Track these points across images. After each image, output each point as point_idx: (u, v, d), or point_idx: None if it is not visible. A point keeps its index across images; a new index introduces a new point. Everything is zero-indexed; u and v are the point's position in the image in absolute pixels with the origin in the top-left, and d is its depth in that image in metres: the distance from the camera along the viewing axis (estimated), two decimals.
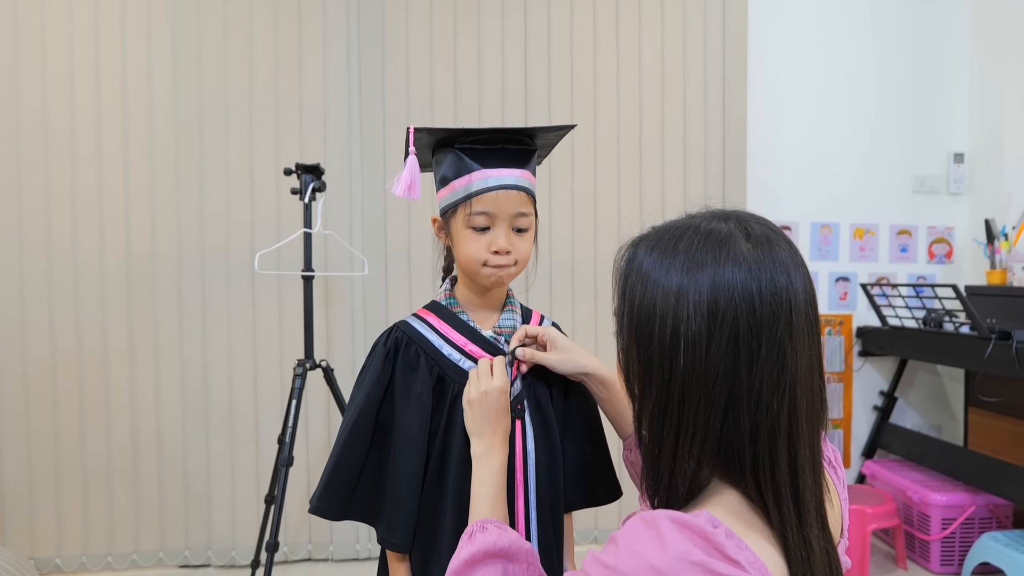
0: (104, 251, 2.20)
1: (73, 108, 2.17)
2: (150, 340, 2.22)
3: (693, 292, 0.58)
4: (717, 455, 0.59)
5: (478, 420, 0.85)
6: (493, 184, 0.89)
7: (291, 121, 2.26)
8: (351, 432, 0.91)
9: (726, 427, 0.58)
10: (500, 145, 0.91)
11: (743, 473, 0.59)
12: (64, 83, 2.16)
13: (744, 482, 0.59)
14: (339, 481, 0.90)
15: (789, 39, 2.62)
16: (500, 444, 0.85)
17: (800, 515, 0.58)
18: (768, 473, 0.58)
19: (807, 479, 0.60)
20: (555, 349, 0.92)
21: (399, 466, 0.90)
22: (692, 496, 0.62)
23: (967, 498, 2.23)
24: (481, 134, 0.91)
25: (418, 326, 0.96)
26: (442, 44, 2.33)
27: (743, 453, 0.58)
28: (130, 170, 2.21)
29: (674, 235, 0.62)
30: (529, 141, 0.93)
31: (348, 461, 0.90)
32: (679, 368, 0.58)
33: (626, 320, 0.64)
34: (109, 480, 2.22)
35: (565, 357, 0.91)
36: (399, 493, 0.90)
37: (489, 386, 0.85)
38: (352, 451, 0.90)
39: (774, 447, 0.58)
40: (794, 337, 0.58)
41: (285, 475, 1.63)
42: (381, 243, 2.32)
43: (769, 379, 0.57)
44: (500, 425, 0.85)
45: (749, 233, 0.60)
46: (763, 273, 0.58)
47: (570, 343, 0.93)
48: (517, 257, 0.91)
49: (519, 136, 0.93)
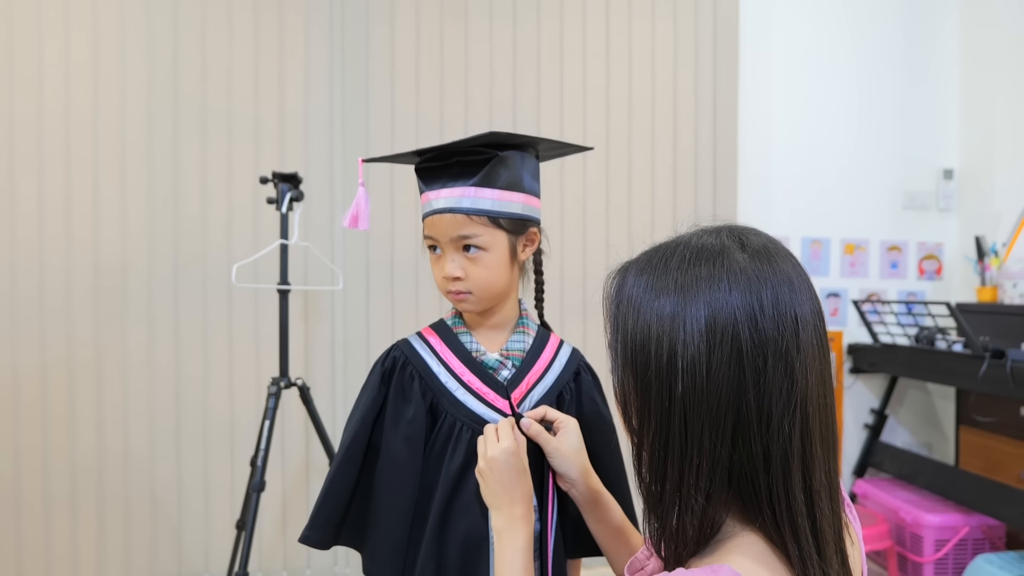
0: (71, 261, 2.10)
1: (41, 111, 2.07)
2: (118, 355, 2.12)
3: (688, 311, 0.54)
4: (728, 488, 0.54)
5: (492, 491, 0.78)
6: (427, 209, 0.86)
7: (271, 129, 2.19)
8: (343, 457, 0.86)
9: (736, 455, 0.53)
10: (455, 159, 0.85)
11: (759, 506, 0.54)
12: (31, 85, 2.07)
13: (761, 516, 0.54)
14: (330, 509, 0.86)
15: (780, 54, 2.60)
16: (522, 516, 0.77)
17: (820, 549, 0.54)
18: (783, 503, 0.53)
19: (824, 507, 0.55)
20: (564, 439, 0.85)
21: (383, 496, 0.85)
22: (703, 539, 0.56)
23: (960, 519, 2.19)
24: (428, 152, 0.86)
25: (418, 346, 0.90)
26: (428, 52, 2.27)
27: (758, 483, 0.53)
28: (100, 176, 2.11)
29: (663, 255, 0.58)
30: (485, 151, 0.84)
31: (339, 487, 0.86)
32: (678, 393, 0.54)
33: (620, 350, 0.59)
34: (73, 503, 2.10)
35: (567, 454, 0.84)
36: (383, 525, 0.85)
37: (496, 451, 0.78)
38: (344, 476, 0.86)
39: (788, 474, 0.53)
40: (802, 350, 0.54)
41: (256, 500, 1.54)
42: (363, 257, 2.25)
43: (778, 397, 0.53)
44: (518, 493, 0.78)
45: (745, 244, 0.57)
46: (764, 286, 0.54)
47: (580, 444, 0.86)
48: (471, 284, 0.85)
49: (472, 147, 0.85)
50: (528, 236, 0.91)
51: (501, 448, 0.78)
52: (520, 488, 0.78)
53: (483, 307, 0.90)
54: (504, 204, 0.85)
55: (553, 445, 0.84)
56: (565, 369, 0.95)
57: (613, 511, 0.86)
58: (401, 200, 2.26)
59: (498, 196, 0.84)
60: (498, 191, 0.84)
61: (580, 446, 0.86)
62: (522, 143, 0.87)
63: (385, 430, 0.87)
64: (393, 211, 2.26)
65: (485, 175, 0.84)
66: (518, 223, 0.88)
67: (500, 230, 0.86)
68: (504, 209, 0.85)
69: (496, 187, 0.84)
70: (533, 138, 0.87)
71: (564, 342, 0.98)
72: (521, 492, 0.78)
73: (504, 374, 0.90)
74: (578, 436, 0.86)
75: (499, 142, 0.85)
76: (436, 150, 0.86)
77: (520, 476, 0.78)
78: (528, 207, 0.89)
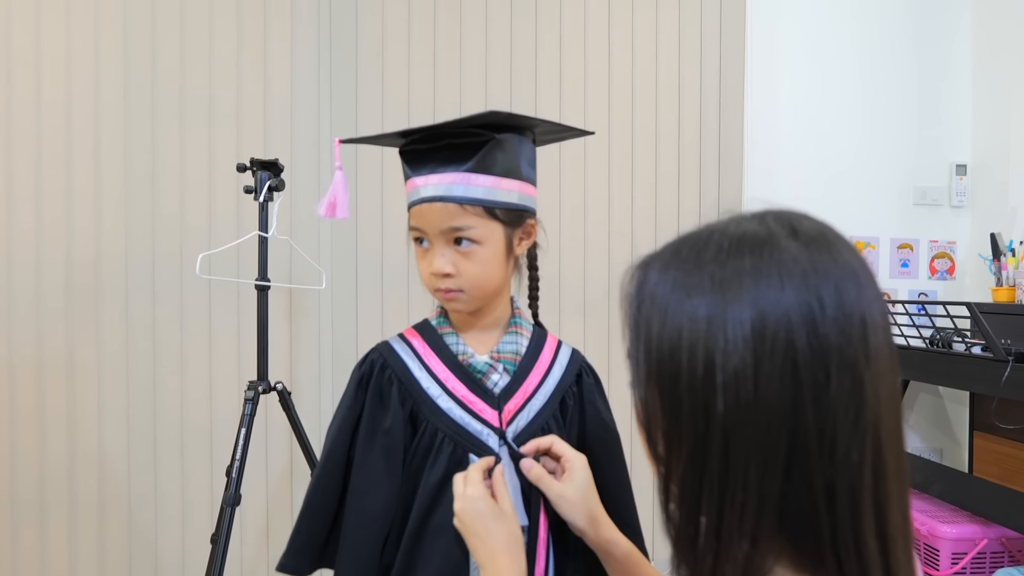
0: (41, 255, 1.99)
1: (9, 97, 1.96)
2: (91, 354, 2.01)
3: (729, 312, 0.43)
4: (780, 530, 0.43)
5: (471, 546, 0.70)
6: (414, 197, 0.77)
7: (254, 117, 2.08)
8: (321, 473, 0.79)
9: (790, 490, 0.43)
10: (445, 142, 0.75)
11: (820, 554, 0.43)
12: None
13: (821, 566, 0.43)
14: (308, 532, 0.78)
15: (787, 46, 2.51)
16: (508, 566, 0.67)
17: None
18: (852, 551, 0.43)
19: (900, 556, 0.44)
20: (570, 483, 0.75)
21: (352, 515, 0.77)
22: None
23: (978, 530, 2.09)
24: (416, 133, 0.76)
25: (399, 348, 0.82)
26: (421, 35, 2.17)
27: (819, 525, 0.43)
28: (73, 167, 2.00)
29: (695, 246, 0.48)
30: (480, 132, 0.75)
31: (318, 507, 0.78)
32: (718, 413, 0.43)
33: (643, 361, 0.48)
34: (41, 512, 1.99)
35: (572, 500, 0.74)
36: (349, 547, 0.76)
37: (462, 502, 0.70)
38: (323, 494, 0.78)
39: (857, 514, 0.43)
40: (872, 361, 0.43)
41: (231, 515, 1.43)
42: (351, 252, 2.14)
43: (844, 419, 0.42)
44: (496, 542, 0.69)
45: (796, 231, 0.46)
46: (823, 280, 0.43)
47: (589, 489, 0.76)
48: (462, 282, 0.76)
49: (465, 128, 0.75)
50: (525, 228, 0.82)
51: (467, 496, 0.70)
52: (496, 536, 0.68)
53: (475, 307, 0.80)
54: (500, 192, 0.76)
55: (556, 491, 0.74)
56: (567, 372, 0.86)
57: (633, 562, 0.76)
58: (391, 192, 2.15)
59: (493, 183, 0.76)
60: (494, 178, 0.75)
61: (589, 489, 0.76)
62: (521, 126, 0.78)
63: (360, 441, 0.79)
64: (383, 204, 2.15)
65: (480, 160, 0.74)
66: (515, 214, 0.79)
67: (496, 222, 0.77)
68: (500, 198, 0.76)
69: (492, 173, 0.75)
70: (536, 119, 0.78)
71: (563, 343, 0.89)
72: (499, 540, 0.68)
73: (495, 378, 0.81)
74: (586, 476, 0.76)
75: (498, 123, 0.75)
76: (425, 130, 0.76)
77: (495, 522, 0.69)
78: (525, 196, 0.80)
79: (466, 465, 0.78)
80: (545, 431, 0.81)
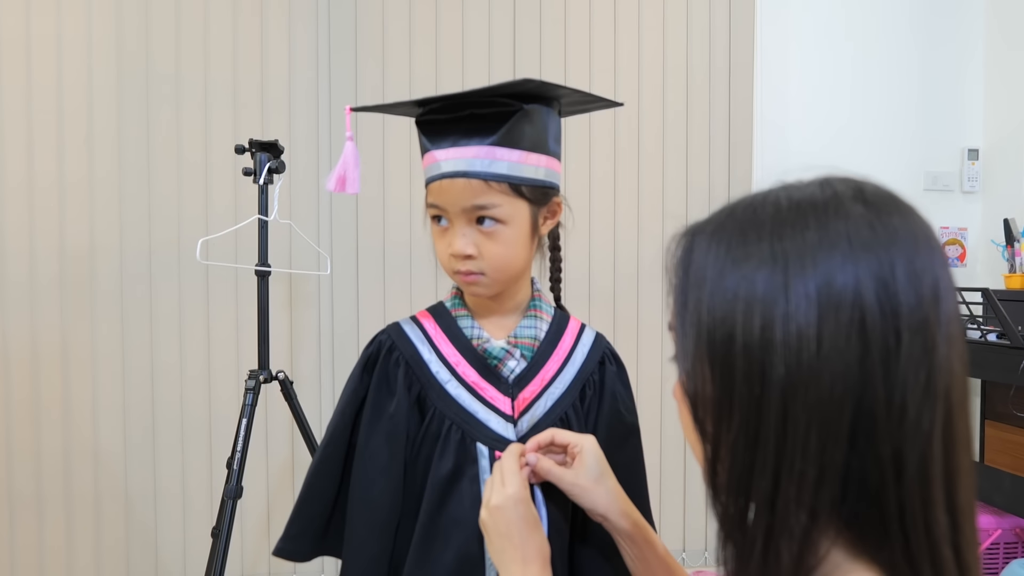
0: (34, 244, 1.94)
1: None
2: (87, 345, 1.96)
3: (791, 276, 0.41)
4: (841, 504, 0.40)
5: (498, 547, 0.64)
6: (433, 172, 0.71)
7: (252, 97, 2.02)
8: (322, 457, 0.75)
9: (854, 460, 0.40)
10: (468, 111, 0.70)
11: (885, 530, 0.40)
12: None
13: (887, 543, 0.40)
14: (307, 517, 0.75)
15: (798, 28, 2.45)
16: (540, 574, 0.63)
17: None
18: (920, 526, 0.40)
19: (969, 533, 0.42)
20: (581, 468, 0.70)
21: (357, 504, 0.74)
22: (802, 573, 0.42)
23: (992, 521, 2.07)
24: (436, 102, 0.71)
25: (409, 330, 0.78)
26: (421, 10, 2.11)
27: (886, 499, 0.40)
28: (65, 153, 1.95)
29: (748, 210, 0.45)
30: (507, 102, 0.70)
31: (318, 492, 0.75)
32: (777, 377, 0.40)
33: (689, 329, 0.44)
34: (39, 506, 1.95)
35: (586, 485, 0.69)
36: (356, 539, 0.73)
37: (500, 498, 0.64)
38: (323, 479, 0.75)
39: (927, 487, 0.40)
40: (943, 326, 0.41)
41: (232, 508, 1.39)
42: (352, 237, 2.09)
43: (915, 385, 0.40)
44: (531, 549, 0.63)
45: (864, 194, 0.43)
46: (894, 246, 0.41)
47: (602, 469, 0.71)
48: (484, 265, 0.71)
49: (490, 97, 0.70)
50: (551, 207, 0.77)
51: (507, 495, 0.64)
52: (532, 544, 0.64)
53: (496, 291, 0.76)
54: (527, 168, 0.71)
55: (569, 479, 0.69)
56: (589, 357, 0.81)
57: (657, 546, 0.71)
58: (393, 174, 2.10)
59: (519, 158, 0.70)
60: (521, 152, 0.71)
61: (602, 470, 0.71)
62: (551, 96, 0.74)
63: (363, 425, 0.75)
64: (384, 186, 2.09)
65: (507, 132, 0.69)
66: (540, 191, 0.74)
67: (521, 199, 0.72)
68: (527, 174, 0.71)
69: (519, 147, 0.70)
70: (567, 88, 0.73)
71: (586, 326, 0.84)
72: (534, 548, 0.64)
73: (511, 364, 0.76)
74: (596, 456, 0.71)
75: (526, 92, 0.70)
76: (446, 99, 0.71)
77: (532, 529, 0.64)
78: (552, 172, 0.76)
79: (475, 455, 0.74)
80: (564, 421, 0.77)
